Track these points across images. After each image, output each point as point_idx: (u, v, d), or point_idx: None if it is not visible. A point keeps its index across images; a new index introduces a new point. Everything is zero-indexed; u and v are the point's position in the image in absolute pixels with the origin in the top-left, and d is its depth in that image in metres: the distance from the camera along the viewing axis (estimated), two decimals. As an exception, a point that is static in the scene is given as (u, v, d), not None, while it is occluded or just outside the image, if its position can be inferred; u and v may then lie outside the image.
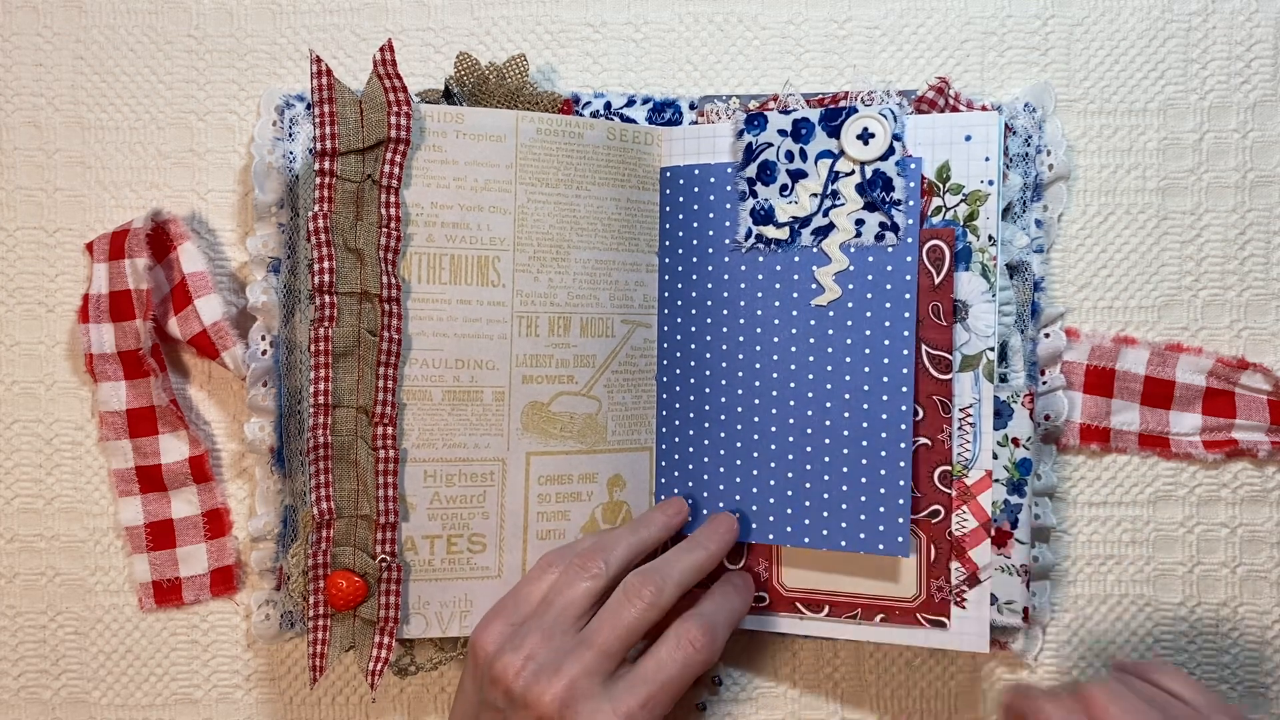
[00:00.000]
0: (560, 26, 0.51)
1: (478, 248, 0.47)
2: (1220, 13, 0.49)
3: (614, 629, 0.41)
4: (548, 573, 0.44)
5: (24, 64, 0.51)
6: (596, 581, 0.43)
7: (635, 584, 0.42)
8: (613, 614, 0.42)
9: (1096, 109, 0.50)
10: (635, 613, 0.41)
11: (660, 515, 0.47)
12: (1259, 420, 0.48)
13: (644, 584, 0.42)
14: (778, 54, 0.51)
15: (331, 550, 0.46)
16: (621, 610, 0.42)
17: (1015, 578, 0.46)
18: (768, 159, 0.47)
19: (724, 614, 0.44)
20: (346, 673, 0.51)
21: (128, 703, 0.51)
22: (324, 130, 0.45)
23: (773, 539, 0.47)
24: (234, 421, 0.51)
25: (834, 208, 0.46)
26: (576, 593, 0.42)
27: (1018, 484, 0.47)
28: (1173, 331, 0.50)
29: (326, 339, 0.45)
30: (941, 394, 0.46)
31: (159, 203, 0.51)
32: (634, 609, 0.41)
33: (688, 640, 0.41)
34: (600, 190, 0.48)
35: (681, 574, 0.43)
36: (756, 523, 0.47)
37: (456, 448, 0.47)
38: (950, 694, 0.50)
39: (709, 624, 0.42)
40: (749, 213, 0.47)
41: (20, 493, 0.51)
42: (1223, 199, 0.50)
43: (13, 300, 0.51)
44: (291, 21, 0.51)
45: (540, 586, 0.44)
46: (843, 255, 0.46)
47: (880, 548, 0.45)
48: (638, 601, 0.42)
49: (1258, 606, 0.49)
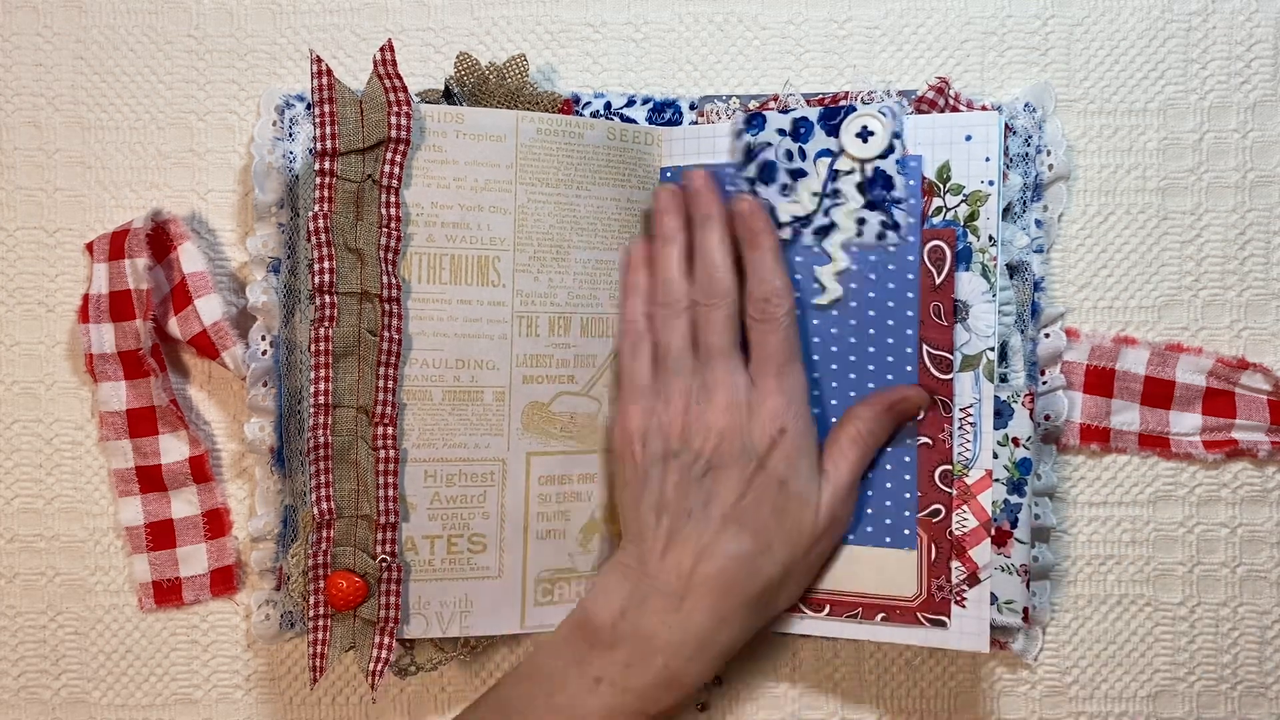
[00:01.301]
0: (560, 26, 0.51)
1: (478, 248, 0.47)
2: (1220, 13, 0.50)
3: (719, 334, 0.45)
4: (640, 345, 0.47)
5: (24, 64, 0.51)
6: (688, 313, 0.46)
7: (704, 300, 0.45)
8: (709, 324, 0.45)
9: (1096, 109, 0.50)
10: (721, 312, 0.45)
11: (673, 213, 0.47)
12: (1259, 420, 0.48)
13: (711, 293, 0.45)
14: (778, 54, 0.51)
15: (332, 550, 0.46)
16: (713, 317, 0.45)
17: (1015, 577, 0.46)
18: (768, 159, 0.47)
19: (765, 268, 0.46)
20: (346, 673, 0.51)
21: (128, 703, 0.51)
22: (324, 130, 0.45)
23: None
24: (234, 421, 0.51)
25: (835, 206, 0.46)
26: (681, 329, 0.46)
27: (1018, 484, 0.47)
28: (1173, 331, 0.50)
29: (327, 339, 0.45)
30: (942, 393, 0.46)
31: (159, 203, 0.51)
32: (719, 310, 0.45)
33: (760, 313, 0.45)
34: (600, 190, 0.48)
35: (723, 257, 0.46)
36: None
37: (457, 448, 0.47)
38: (950, 694, 0.50)
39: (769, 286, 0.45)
40: None
41: (20, 493, 0.51)
42: (1223, 199, 0.50)
43: (13, 300, 0.51)
44: (291, 21, 0.51)
45: (643, 357, 0.47)
46: (844, 255, 0.46)
47: (887, 540, 0.45)
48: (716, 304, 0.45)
49: (1258, 606, 0.49)
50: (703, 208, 0.46)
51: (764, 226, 0.46)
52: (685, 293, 0.46)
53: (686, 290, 0.46)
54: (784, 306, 0.45)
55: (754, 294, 0.45)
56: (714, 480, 0.44)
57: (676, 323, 0.46)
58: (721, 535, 0.43)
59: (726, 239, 0.46)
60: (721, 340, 0.45)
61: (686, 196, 0.47)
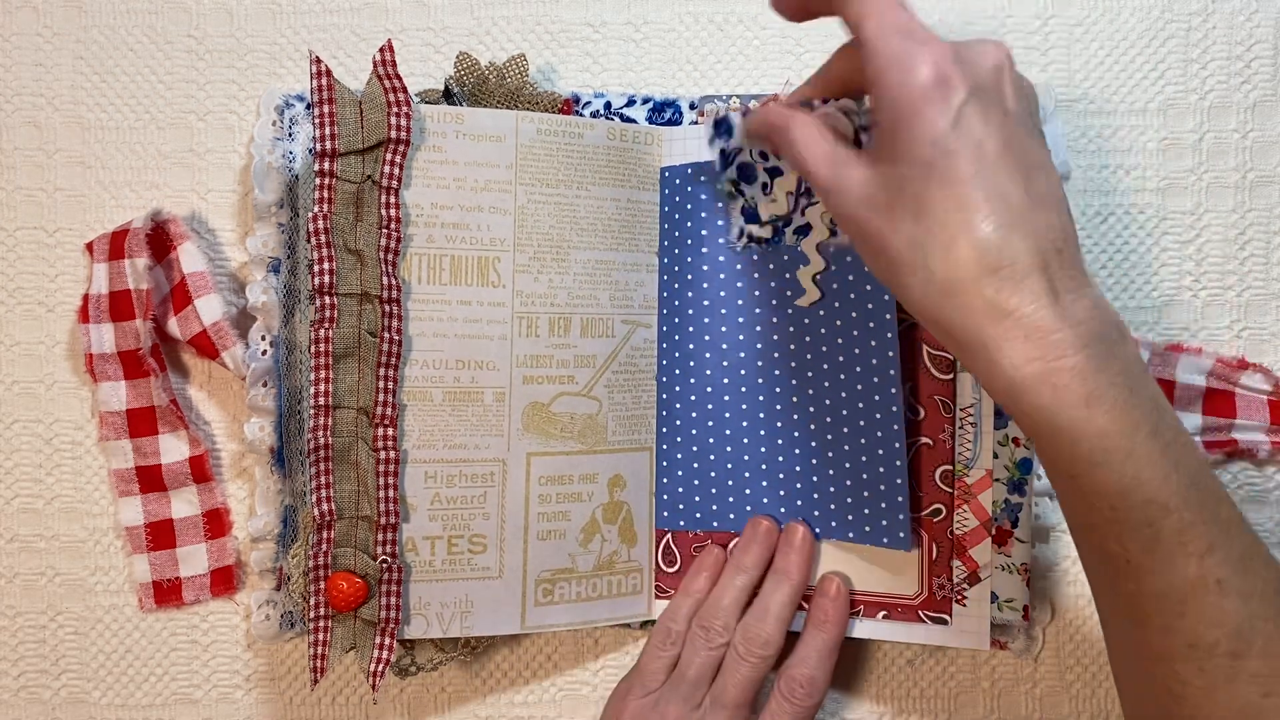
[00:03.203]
0: (560, 26, 0.51)
1: (478, 248, 0.47)
2: (1220, 13, 0.50)
3: (738, 687, 0.45)
4: (667, 645, 0.47)
5: (24, 64, 0.51)
6: (719, 650, 0.46)
7: (743, 647, 0.45)
8: (733, 673, 0.45)
9: (1096, 109, 0.50)
10: (750, 669, 0.45)
11: (757, 549, 0.48)
12: (1259, 420, 0.48)
13: (751, 643, 0.45)
14: (778, 54, 0.51)
15: (332, 551, 0.46)
16: (740, 669, 0.45)
17: (1015, 576, 0.46)
18: (744, 160, 0.46)
19: (815, 654, 0.46)
20: (347, 673, 0.51)
21: (128, 703, 0.51)
22: (324, 130, 0.45)
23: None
24: (234, 421, 0.51)
25: (809, 206, 0.46)
26: (704, 660, 0.46)
27: (1018, 483, 0.47)
28: (1173, 331, 0.50)
29: (327, 340, 0.45)
30: (942, 394, 0.46)
31: (159, 203, 0.51)
32: (749, 665, 0.45)
33: (788, 692, 0.45)
34: (600, 190, 0.48)
35: (778, 618, 0.46)
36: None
37: (457, 448, 0.47)
38: (950, 693, 0.50)
39: (809, 673, 0.45)
40: (739, 211, 0.47)
41: (20, 493, 0.51)
42: (1223, 199, 0.50)
43: (13, 300, 0.51)
44: (291, 21, 0.51)
45: (664, 658, 0.47)
46: (819, 257, 0.46)
47: (884, 541, 0.45)
48: (750, 659, 0.45)
49: (1257, 606, 0.49)
50: (789, 565, 0.47)
51: (838, 618, 0.46)
52: (728, 628, 0.46)
53: (730, 626, 0.46)
54: (813, 700, 0.45)
55: (791, 671, 0.45)
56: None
57: (705, 653, 0.46)
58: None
59: (794, 604, 0.46)
60: (738, 694, 0.45)
61: (781, 538, 0.47)
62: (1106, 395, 0.32)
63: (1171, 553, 0.33)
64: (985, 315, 0.33)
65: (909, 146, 0.33)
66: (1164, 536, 0.33)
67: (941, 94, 0.33)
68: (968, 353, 0.34)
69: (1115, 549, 0.33)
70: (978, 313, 0.33)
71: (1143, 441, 0.32)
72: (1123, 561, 0.33)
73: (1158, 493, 0.32)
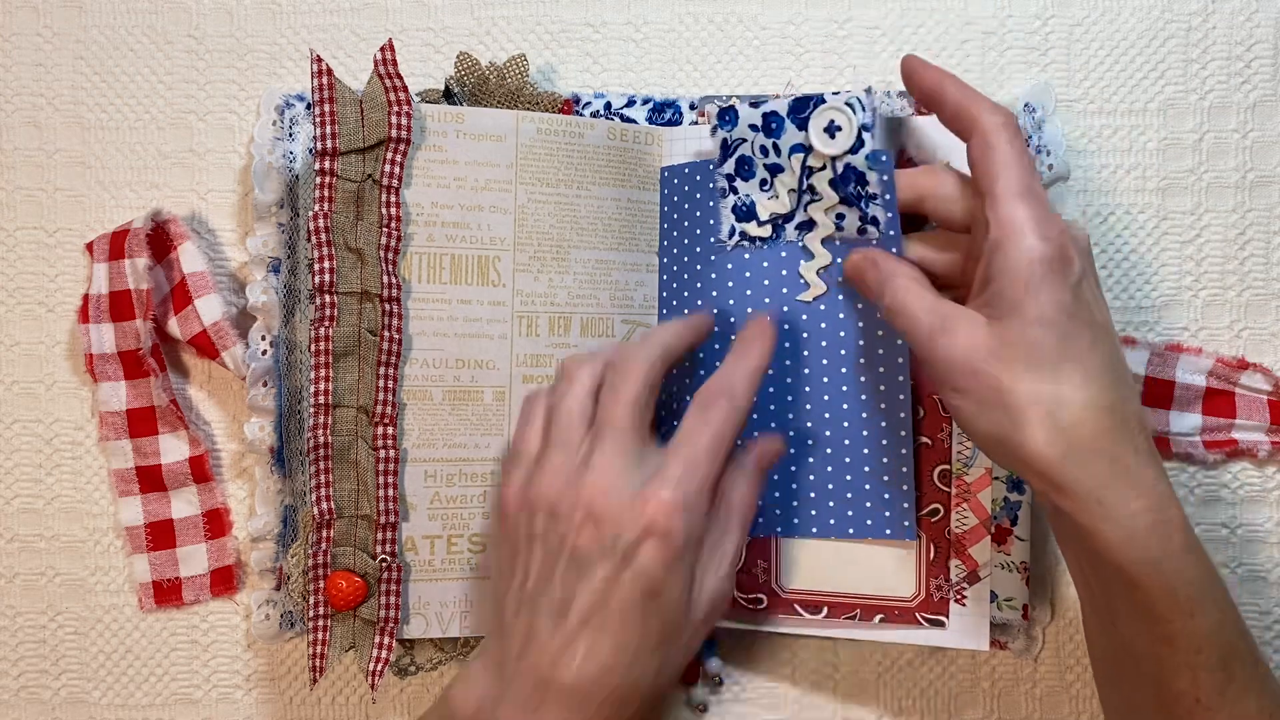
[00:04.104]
0: (560, 26, 0.51)
1: (478, 248, 0.47)
2: (1220, 13, 0.50)
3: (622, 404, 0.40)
4: (536, 409, 0.42)
5: (24, 64, 0.51)
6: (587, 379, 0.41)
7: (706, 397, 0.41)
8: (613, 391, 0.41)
9: (1096, 109, 0.50)
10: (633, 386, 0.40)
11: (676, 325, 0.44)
12: (1259, 420, 0.48)
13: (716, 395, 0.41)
14: (778, 54, 0.51)
15: (331, 550, 0.46)
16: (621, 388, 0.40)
17: (1015, 574, 0.46)
18: (743, 154, 0.46)
19: (731, 368, 0.42)
20: (346, 673, 0.51)
21: (128, 703, 0.51)
22: (324, 130, 0.45)
23: (780, 532, 0.47)
24: (234, 421, 0.51)
25: (812, 203, 0.45)
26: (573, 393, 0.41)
27: (1017, 482, 0.47)
28: (1173, 331, 0.50)
29: (327, 339, 0.45)
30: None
31: (159, 203, 0.51)
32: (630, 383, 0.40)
33: (703, 404, 0.41)
34: (600, 190, 0.48)
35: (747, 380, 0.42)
36: (763, 517, 0.47)
37: (457, 448, 0.47)
38: (950, 694, 0.50)
39: (723, 384, 0.41)
40: (730, 210, 0.47)
41: (20, 493, 0.51)
42: (1223, 199, 0.50)
43: (13, 300, 0.51)
44: (291, 21, 0.51)
45: (536, 424, 0.42)
46: (826, 251, 0.46)
47: (887, 533, 0.45)
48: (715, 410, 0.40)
49: (1258, 606, 0.49)
50: None
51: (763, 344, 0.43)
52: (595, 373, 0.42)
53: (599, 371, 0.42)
54: (732, 420, 0.41)
55: (707, 385, 0.42)
56: (576, 574, 0.38)
57: (579, 377, 0.42)
58: (577, 642, 0.38)
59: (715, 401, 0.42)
60: (623, 413, 0.40)
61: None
62: (1195, 544, 0.36)
63: (1242, 693, 0.36)
64: (1106, 471, 0.35)
65: (1038, 309, 0.36)
66: (1237, 677, 0.36)
67: (1064, 266, 0.37)
68: (1079, 504, 0.35)
69: (1185, 688, 0.36)
70: (1098, 468, 0.35)
71: (1218, 585, 0.37)
72: (1191, 700, 0.36)
73: (1232, 634, 0.36)
